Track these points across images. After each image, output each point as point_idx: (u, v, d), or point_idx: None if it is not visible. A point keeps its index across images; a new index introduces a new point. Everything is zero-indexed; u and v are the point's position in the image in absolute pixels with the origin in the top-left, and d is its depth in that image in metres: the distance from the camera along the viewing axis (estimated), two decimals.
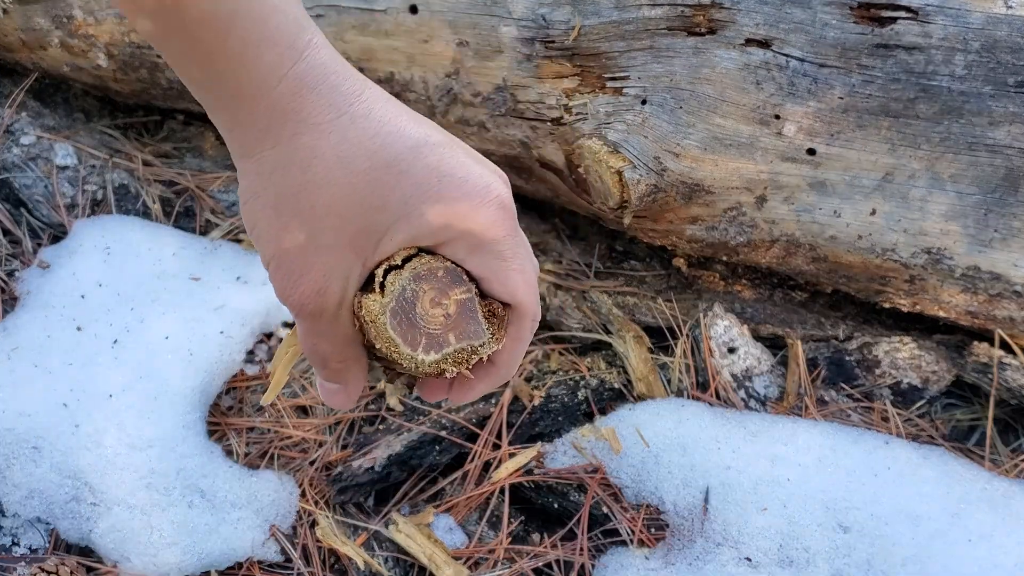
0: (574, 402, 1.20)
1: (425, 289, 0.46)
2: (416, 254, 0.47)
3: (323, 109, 0.44)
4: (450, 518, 1.11)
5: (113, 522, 1.03)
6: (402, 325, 0.46)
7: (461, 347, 0.47)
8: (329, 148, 0.44)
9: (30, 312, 1.20)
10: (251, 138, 0.45)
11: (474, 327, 0.47)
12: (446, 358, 0.47)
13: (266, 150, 0.45)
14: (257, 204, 0.46)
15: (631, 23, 1.12)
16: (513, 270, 0.48)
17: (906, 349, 1.26)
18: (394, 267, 0.47)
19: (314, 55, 0.44)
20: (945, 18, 1.07)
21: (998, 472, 1.16)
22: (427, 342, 0.46)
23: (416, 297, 0.46)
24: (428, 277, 0.46)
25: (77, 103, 1.61)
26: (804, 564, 1.03)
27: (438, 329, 0.47)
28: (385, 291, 0.46)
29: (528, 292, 0.49)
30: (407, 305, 0.46)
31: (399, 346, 0.46)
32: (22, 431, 1.08)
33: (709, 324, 1.27)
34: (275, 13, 0.42)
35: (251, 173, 0.46)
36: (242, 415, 1.20)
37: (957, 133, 1.09)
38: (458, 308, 0.47)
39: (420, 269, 0.46)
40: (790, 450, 1.14)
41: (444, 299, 0.47)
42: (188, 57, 0.43)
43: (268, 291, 1.27)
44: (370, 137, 0.45)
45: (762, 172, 1.15)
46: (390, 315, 0.46)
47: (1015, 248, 1.14)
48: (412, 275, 0.46)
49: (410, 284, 0.46)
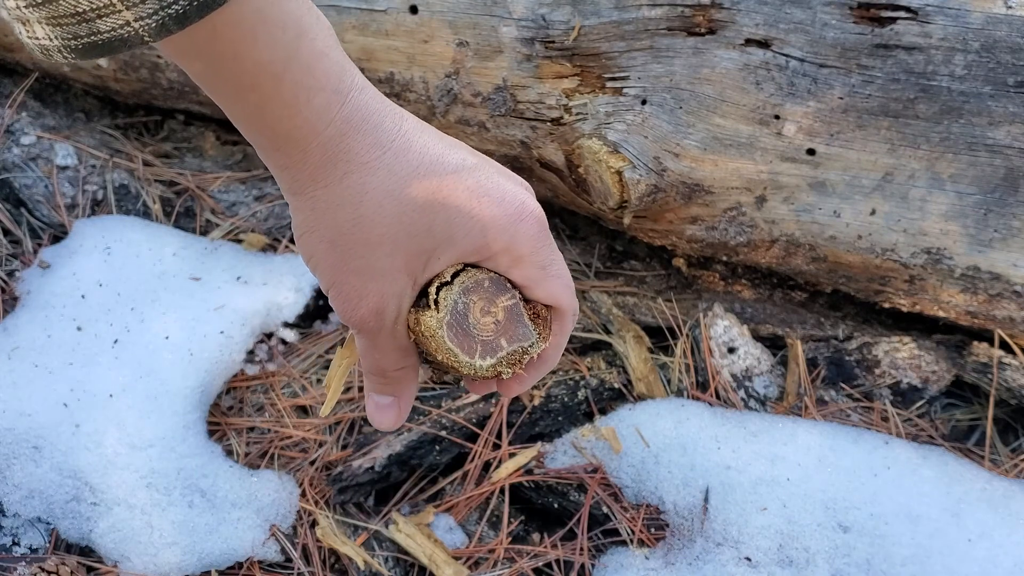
0: (574, 402, 1.20)
1: (475, 300, 0.51)
2: (463, 269, 0.52)
3: (368, 148, 0.48)
4: (450, 518, 1.11)
5: (113, 522, 1.03)
6: (458, 336, 0.51)
7: (513, 350, 0.52)
8: (378, 183, 0.48)
9: (30, 312, 1.20)
10: (304, 177, 0.48)
11: (522, 330, 0.52)
12: (501, 361, 0.52)
13: (319, 189, 0.49)
14: (314, 238, 0.50)
15: (631, 23, 1.12)
16: (551, 276, 0.53)
17: (906, 349, 1.26)
18: (444, 283, 0.51)
19: (356, 97, 0.47)
20: (945, 18, 1.07)
21: (998, 472, 1.16)
22: (483, 349, 0.51)
23: (468, 309, 0.51)
24: (476, 289, 0.51)
25: (77, 103, 1.61)
26: (804, 564, 1.03)
27: (490, 336, 0.52)
28: (439, 307, 0.50)
29: (567, 294, 0.54)
30: (460, 317, 0.51)
31: (458, 355, 0.51)
32: (22, 431, 1.08)
33: (709, 324, 1.27)
34: (322, 59, 0.46)
35: (305, 209, 0.50)
36: (242, 415, 1.20)
37: (957, 133, 1.09)
38: (506, 314, 0.52)
39: (468, 282, 0.51)
40: (790, 450, 1.14)
41: (492, 307, 0.51)
42: (241, 100, 0.46)
43: (268, 291, 1.28)
44: (414, 169, 0.49)
45: (762, 172, 1.15)
46: (447, 328, 0.50)
47: (1015, 248, 1.14)
48: (461, 289, 0.51)
49: (461, 297, 0.51)
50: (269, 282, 1.29)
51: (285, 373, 1.25)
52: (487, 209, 0.50)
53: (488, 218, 0.50)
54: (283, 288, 1.29)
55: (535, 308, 0.53)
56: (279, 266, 1.32)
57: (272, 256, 1.35)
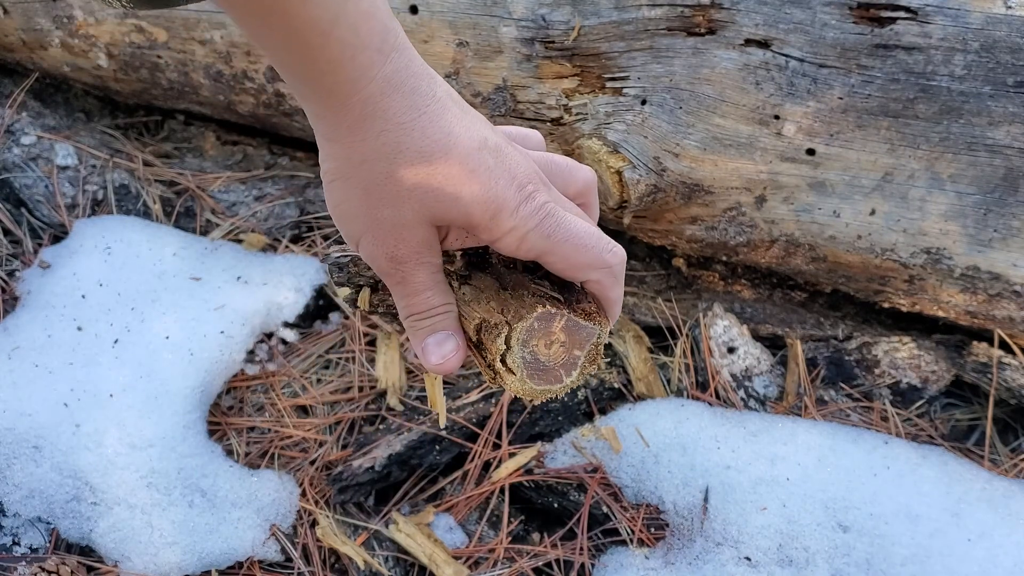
0: (574, 402, 1.20)
1: (536, 343, 0.53)
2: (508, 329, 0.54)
3: (406, 110, 0.52)
4: (450, 517, 1.11)
5: (114, 521, 1.03)
6: (542, 378, 0.54)
7: (587, 351, 0.55)
8: (411, 144, 0.52)
9: (31, 312, 1.20)
10: (342, 128, 0.52)
11: (585, 332, 0.54)
12: (583, 367, 0.55)
13: (356, 142, 0.52)
14: (348, 185, 0.54)
15: (631, 23, 1.12)
16: (559, 243, 0.55)
17: (905, 349, 1.26)
18: (503, 352, 0.53)
19: (397, 59, 0.51)
20: (944, 18, 1.07)
21: (997, 472, 1.16)
22: (565, 371, 0.54)
23: (535, 354, 0.53)
24: (530, 335, 0.53)
25: (78, 103, 1.61)
26: (804, 563, 1.04)
27: (564, 357, 0.54)
28: (513, 370, 0.53)
29: (583, 254, 0.55)
30: (534, 364, 0.53)
31: (552, 390, 0.54)
32: (23, 431, 1.08)
33: (709, 324, 1.27)
34: (368, 19, 0.49)
35: (340, 157, 0.53)
36: (242, 415, 1.20)
37: (956, 133, 1.10)
38: (566, 332, 0.54)
39: (521, 336, 0.53)
40: (790, 450, 1.14)
41: (552, 336, 0.54)
42: (288, 52, 0.49)
43: (268, 291, 1.28)
44: (445, 135, 0.53)
45: (761, 172, 1.15)
46: (531, 380, 0.53)
47: (1014, 248, 1.14)
48: (520, 345, 0.53)
49: (523, 351, 0.53)
50: (269, 282, 1.29)
51: (285, 373, 1.25)
52: (503, 192, 0.53)
53: (503, 201, 0.53)
54: (283, 288, 1.29)
55: (582, 306, 0.55)
56: (279, 266, 1.32)
57: (272, 256, 1.35)
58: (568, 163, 0.61)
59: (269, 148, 1.58)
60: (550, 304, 0.54)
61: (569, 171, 0.61)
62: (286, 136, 1.50)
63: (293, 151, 1.57)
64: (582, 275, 0.56)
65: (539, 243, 0.54)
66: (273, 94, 1.36)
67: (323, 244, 1.38)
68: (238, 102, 1.41)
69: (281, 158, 1.55)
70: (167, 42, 1.36)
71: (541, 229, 0.54)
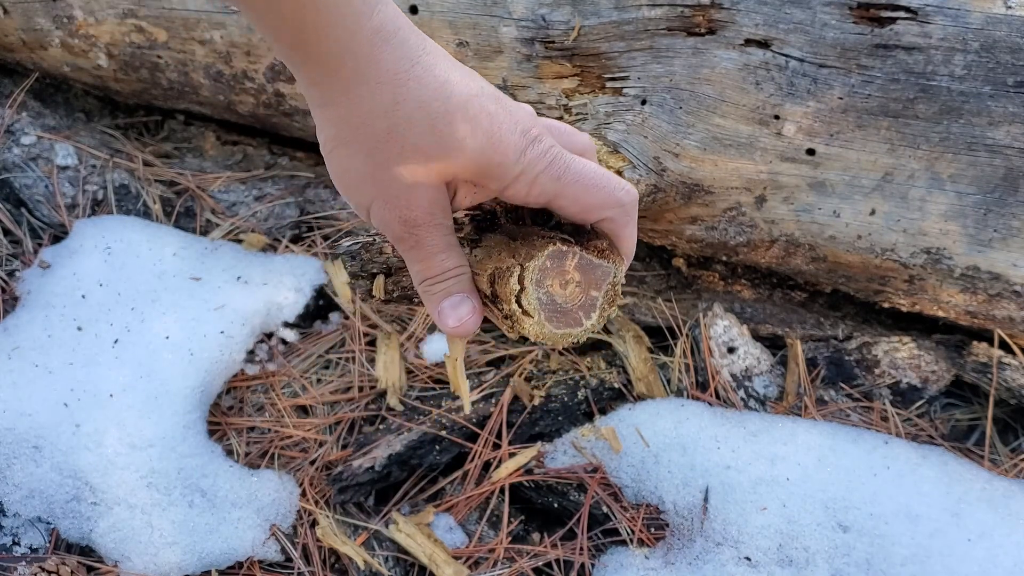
0: (574, 402, 1.20)
1: (550, 284, 0.52)
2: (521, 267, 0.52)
3: (398, 61, 0.50)
4: (450, 517, 1.11)
5: (114, 521, 1.04)
6: (561, 320, 0.52)
7: (604, 292, 0.53)
8: (408, 95, 0.50)
9: (31, 312, 1.20)
10: (336, 89, 0.50)
11: (600, 270, 0.53)
12: (602, 309, 0.53)
13: (352, 102, 0.50)
14: (350, 151, 0.52)
15: (631, 23, 1.12)
16: (569, 184, 0.53)
17: (905, 349, 1.26)
18: (518, 292, 0.52)
19: (383, 10, 0.50)
20: (944, 18, 1.07)
21: (997, 472, 1.16)
22: (584, 313, 0.52)
23: (551, 295, 0.52)
24: (543, 274, 0.52)
25: (78, 103, 1.61)
26: (804, 563, 1.04)
27: (582, 297, 0.52)
28: (531, 312, 0.52)
29: (594, 193, 0.54)
30: (552, 306, 0.52)
31: (573, 334, 0.52)
32: (23, 431, 1.08)
33: (709, 324, 1.27)
34: None
35: (338, 122, 0.52)
36: (242, 415, 1.20)
37: (956, 133, 1.10)
38: (580, 271, 0.52)
39: (534, 276, 0.51)
40: (790, 450, 1.14)
41: (566, 275, 0.52)
42: (275, 13, 0.48)
43: (268, 291, 1.28)
44: (442, 83, 0.51)
45: (761, 172, 1.15)
46: (549, 324, 0.52)
47: (1014, 248, 1.14)
48: (534, 285, 0.51)
49: (538, 291, 0.52)
50: (269, 282, 1.29)
51: (285, 373, 1.25)
52: (507, 136, 0.52)
53: (509, 145, 0.52)
54: (283, 288, 1.29)
55: (593, 240, 0.54)
56: (279, 266, 1.32)
57: (272, 256, 1.35)
58: (568, 128, 0.60)
59: (269, 148, 1.58)
60: (561, 243, 0.52)
61: (569, 135, 0.60)
62: (286, 136, 1.50)
63: (293, 151, 1.57)
64: (595, 216, 0.54)
65: (550, 186, 0.53)
66: (273, 94, 1.36)
67: (323, 244, 1.38)
68: (238, 102, 1.41)
69: (281, 158, 1.55)
70: (167, 42, 1.36)
71: (551, 171, 0.53)
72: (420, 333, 1.29)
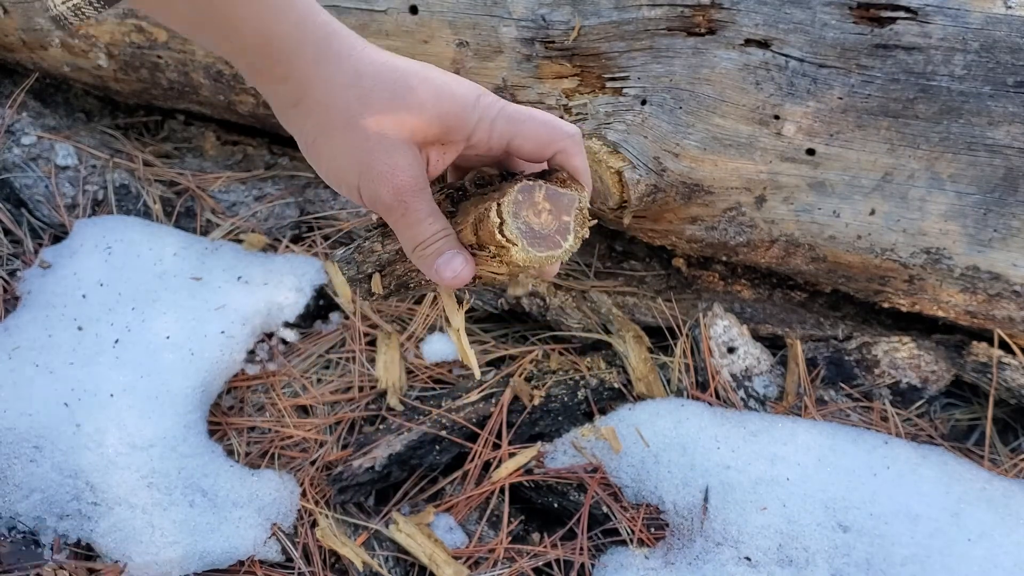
0: (574, 402, 1.20)
1: (526, 214, 0.58)
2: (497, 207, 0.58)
3: (349, 45, 0.58)
4: (450, 517, 1.11)
5: (114, 521, 1.04)
6: (541, 244, 0.58)
7: (574, 216, 0.60)
8: (366, 67, 0.57)
9: (31, 311, 1.21)
10: (304, 81, 0.56)
11: (567, 197, 0.60)
12: (575, 231, 0.59)
13: (319, 91, 0.57)
14: (329, 139, 0.58)
15: (631, 23, 1.12)
16: (524, 121, 0.60)
17: (905, 349, 1.26)
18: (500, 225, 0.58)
19: (323, 11, 0.58)
20: (944, 18, 1.07)
21: (997, 472, 1.16)
22: (561, 236, 0.59)
23: (528, 224, 0.58)
24: (517, 207, 0.58)
25: (78, 103, 1.61)
26: (803, 563, 1.04)
27: (555, 223, 0.59)
28: (514, 241, 0.58)
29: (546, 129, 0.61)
30: (531, 233, 0.58)
31: (555, 254, 0.59)
32: (23, 430, 1.08)
33: (709, 324, 1.27)
34: None
35: (313, 112, 0.57)
36: (243, 415, 1.21)
37: (956, 133, 1.10)
38: (549, 200, 0.59)
39: (510, 209, 0.58)
40: (789, 450, 1.14)
41: (538, 205, 0.59)
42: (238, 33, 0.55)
43: (269, 291, 1.28)
44: (388, 59, 0.59)
45: (761, 172, 1.15)
46: (532, 248, 0.58)
47: (1014, 248, 1.14)
48: (512, 217, 0.58)
49: (516, 222, 0.58)
50: (270, 282, 1.29)
51: (286, 373, 1.25)
52: (459, 90, 0.59)
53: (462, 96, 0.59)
54: (284, 288, 1.29)
55: (558, 177, 0.61)
56: (280, 266, 1.32)
57: (273, 256, 1.35)
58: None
59: (269, 148, 1.58)
60: (526, 179, 0.60)
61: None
62: (286, 136, 1.50)
63: (293, 151, 1.57)
64: (550, 150, 0.61)
65: (507, 126, 0.60)
66: None
67: (323, 244, 1.38)
68: (238, 102, 1.41)
69: (281, 158, 1.55)
70: (167, 42, 1.36)
71: (504, 113, 0.60)
72: (420, 333, 1.29)
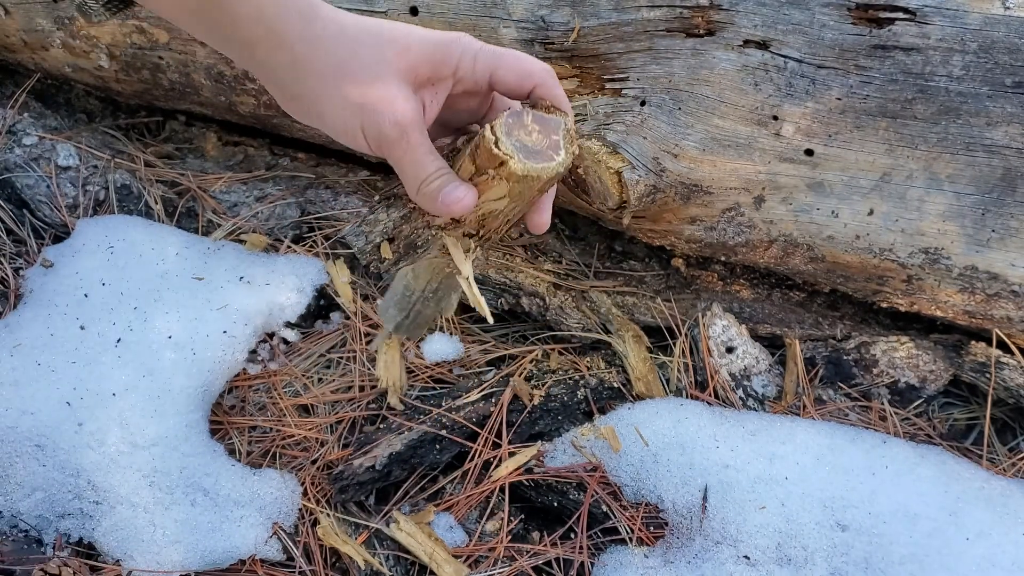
0: (573, 401, 1.21)
1: (518, 135, 0.63)
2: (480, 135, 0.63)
3: (329, 7, 0.62)
4: (450, 516, 1.12)
5: (116, 520, 1.04)
6: (539, 158, 0.63)
7: (563, 135, 0.64)
8: (350, 24, 0.63)
9: (34, 310, 1.21)
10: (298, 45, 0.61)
11: (552, 122, 0.64)
12: (566, 147, 0.64)
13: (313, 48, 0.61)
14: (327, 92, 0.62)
15: (630, 25, 1.13)
16: (504, 56, 0.66)
17: (904, 348, 1.26)
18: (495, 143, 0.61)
19: None
20: (943, 19, 1.07)
21: (995, 471, 1.17)
22: (553, 151, 0.63)
23: (522, 143, 0.63)
24: (508, 130, 0.62)
25: (79, 104, 1.61)
26: (802, 562, 1.04)
27: (546, 141, 0.63)
28: (511, 154, 0.61)
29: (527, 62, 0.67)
30: (526, 150, 0.62)
31: (550, 167, 0.62)
32: (25, 429, 1.08)
33: (708, 324, 1.28)
34: None
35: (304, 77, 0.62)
36: (244, 414, 1.21)
37: (955, 133, 1.10)
38: (537, 123, 0.64)
39: (501, 128, 0.62)
40: (788, 449, 1.15)
41: (529, 127, 0.63)
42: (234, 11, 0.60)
43: (270, 291, 1.28)
44: (363, 18, 0.64)
45: (760, 172, 1.15)
46: (531, 161, 0.62)
47: (1012, 248, 1.14)
48: (505, 134, 0.62)
49: (509, 139, 0.62)
50: (271, 282, 1.29)
51: (287, 372, 1.25)
52: (438, 34, 0.64)
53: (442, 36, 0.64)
54: (285, 288, 1.29)
55: (541, 103, 0.66)
56: (281, 266, 1.32)
57: (274, 256, 1.35)
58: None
59: (270, 149, 1.58)
60: (513, 108, 0.64)
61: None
62: (287, 137, 1.51)
63: (294, 152, 1.57)
64: (530, 81, 0.66)
65: (490, 59, 0.65)
66: None
67: (324, 244, 1.39)
68: (239, 103, 1.42)
69: (282, 159, 1.56)
70: (168, 43, 1.36)
71: (485, 48, 0.65)
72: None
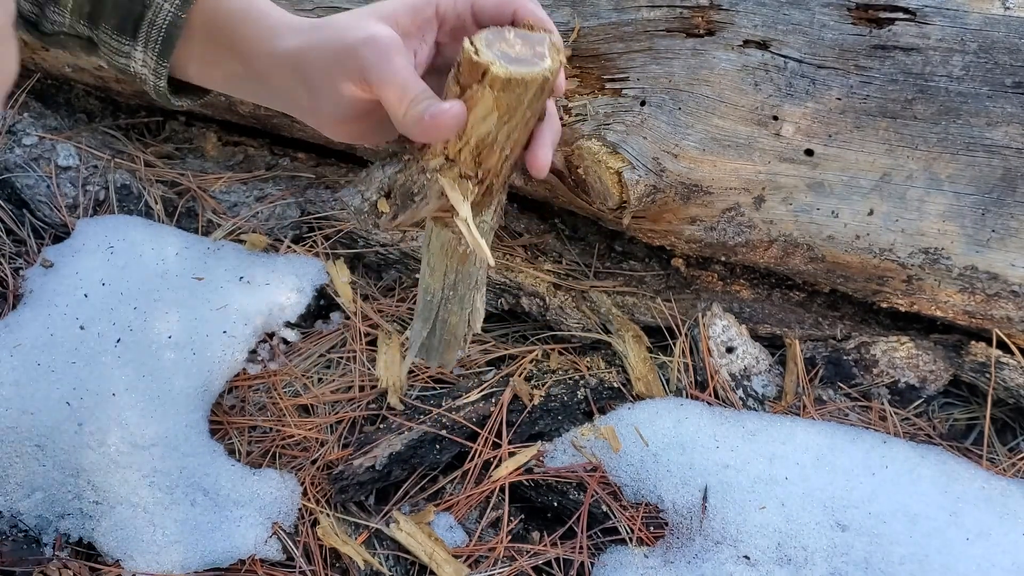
0: (573, 401, 1.21)
1: (499, 46, 0.61)
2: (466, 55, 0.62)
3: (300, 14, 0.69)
4: (450, 516, 1.12)
5: (116, 520, 1.04)
6: (523, 64, 0.60)
7: (547, 47, 0.62)
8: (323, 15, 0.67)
9: (33, 310, 1.21)
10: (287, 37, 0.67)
11: (535, 37, 0.63)
12: (552, 56, 0.61)
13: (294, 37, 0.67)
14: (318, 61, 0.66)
15: (630, 25, 1.13)
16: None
17: (904, 348, 1.26)
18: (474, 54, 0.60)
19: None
20: (943, 19, 1.07)
21: (995, 471, 1.17)
22: (538, 59, 0.61)
23: (504, 51, 0.61)
24: (489, 42, 0.61)
25: (79, 104, 1.61)
26: (802, 562, 1.04)
27: (530, 52, 0.62)
28: (493, 60, 0.59)
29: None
30: (508, 57, 0.60)
31: (535, 71, 0.60)
32: (25, 429, 1.08)
33: (708, 324, 1.28)
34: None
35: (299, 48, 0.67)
36: (244, 414, 1.21)
37: (955, 134, 1.10)
38: (519, 39, 0.63)
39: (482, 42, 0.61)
40: (788, 449, 1.15)
41: (509, 41, 0.62)
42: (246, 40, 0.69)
43: (270, 291, 1.28)
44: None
45: (760, 173, 1.15)
46: (514, 67, 0.60)
47: (1012, 248, 1.14)
48: (486, 47, 0.60)
49: (490, 50, 0.60)
50: (271, 282, 1.29)
51: (287, 372, 1.25)
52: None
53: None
54: (285, 288, 1.29)
55: (524, 21, 0.66)
56: (281, 266, 1.32)
57: (274, 256, 1.35)
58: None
59: (270, 149, 1.58)
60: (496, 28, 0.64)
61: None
62: (287, 137, 1.51)
63: (294, 152, 1.57)
64: (510, 5, 0.66)
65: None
66: None
67: (324, 244, 1.39)
68: (239, 103, 1.42)
69: (282, 159, 1.56)
70: None
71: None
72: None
